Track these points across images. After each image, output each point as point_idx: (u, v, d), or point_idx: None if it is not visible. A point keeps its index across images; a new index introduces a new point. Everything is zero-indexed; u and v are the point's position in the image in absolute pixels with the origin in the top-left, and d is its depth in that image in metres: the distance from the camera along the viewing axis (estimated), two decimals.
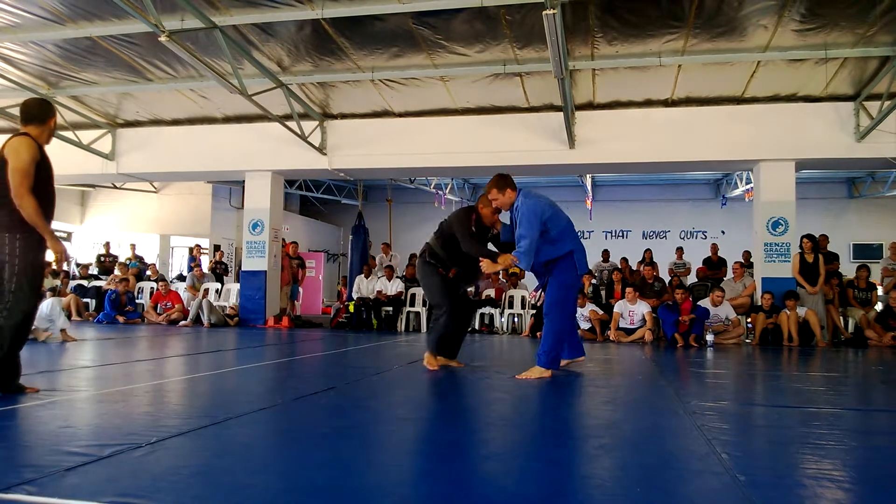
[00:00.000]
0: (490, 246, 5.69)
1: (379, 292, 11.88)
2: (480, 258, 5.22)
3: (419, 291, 12.14)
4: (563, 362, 5.61)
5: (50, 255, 3.81)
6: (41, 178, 3.69)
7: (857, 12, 8.00)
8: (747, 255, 12.01)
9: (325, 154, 11.76)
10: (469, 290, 6.04)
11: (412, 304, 11.99)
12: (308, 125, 11.44)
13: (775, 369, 6.44)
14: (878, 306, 10.32)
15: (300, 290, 13.42)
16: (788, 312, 9.45)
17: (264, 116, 10.61)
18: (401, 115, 11.57)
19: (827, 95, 10.30)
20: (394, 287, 11.90)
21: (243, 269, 12.35)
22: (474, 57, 9.41)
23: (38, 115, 3.84)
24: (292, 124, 10.85)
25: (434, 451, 2.83)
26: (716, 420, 3.49)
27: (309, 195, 18.86)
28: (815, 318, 9.47)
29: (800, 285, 10.02)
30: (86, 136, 11.95)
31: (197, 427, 2.98)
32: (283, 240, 12.98)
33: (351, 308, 11.86)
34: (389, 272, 12.15)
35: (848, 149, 10.34)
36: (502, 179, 5.18)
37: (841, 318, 10.23)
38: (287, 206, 17.97)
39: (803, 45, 8.88)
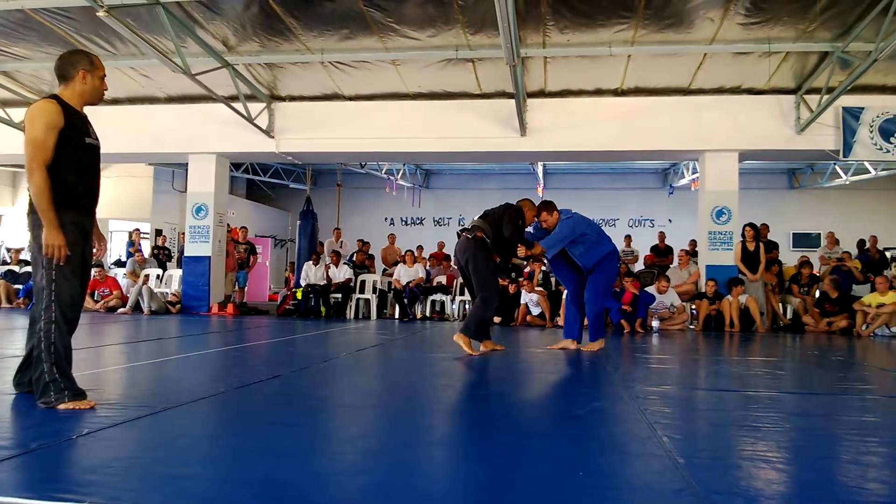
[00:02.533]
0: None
1: (328, 279, 11.73)
2: (519, 244, 6.03)
3: (369, 278, 12.06)
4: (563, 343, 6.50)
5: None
6: (71, 148, 3.07)
7: (799, 8, 8.19)
8: (693, 244, 12.26)
9: (273, 137, 11.51)
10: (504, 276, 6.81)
11: (361, 291, 11.89)
12: (255, 107, 11.18)
13: (717, 354, 6.58)
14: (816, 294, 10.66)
15: (247, 276, 13.16)
16: (731, 299, 9.68)
17: (209, 97, 10.31)
18: (351, 98, 11.40)
19: (770, 88, 10.54)
20: (342, 273, 11.77)
21: (186, 254, 12.03)
22: (426, 41, 9.32)
23: (64, 70, 3.19)
24: (238, 106, 10.58)
25: (379, 440, 2.79)
26: (658, 404, 3.54)
27: (256, 179, 18.47)
28: (756, 304, 9.74)
29: (741, 273, 10.27)
30: (17, 113, 11.42)
31: (132, 417, 2.88)
32: (228, 225, 12.69)
33: (298, 295, 11.70)
34: (337, 258, 12.01)
35: (789, 141, 10.63)
36: (550, 204, 6.46)
37: (780, 304, 10.54)
38: (233, 189, 17.60)
39: (748, 38, 9.05)
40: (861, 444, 2.78)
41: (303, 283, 11.84)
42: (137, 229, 14.40)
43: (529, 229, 6.46)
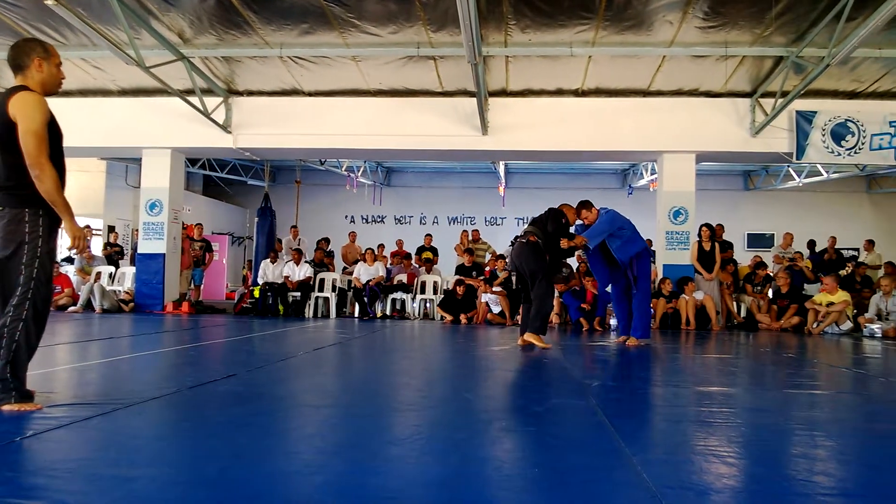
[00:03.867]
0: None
1: (286, 277, 11.59)
2: (562, 239, 6.58)
3: (328, 276, 11.95)
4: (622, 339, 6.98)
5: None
6: (53, 141, 3.00)
7: (756, 13, 8.36)
8: (649, 242, 12.40)
9: (230, 132, 11.32)
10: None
11: (321, 290, 11.77)
12: (212, 101, 10.98)
13: (673, 351, 6.67)
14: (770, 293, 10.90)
15: (203, 274, 12.91)
16: (687, 298, 9.84)
17: (164, 90, 10.08)
18: (311, 94, 11.28)
19: (726, 92, 10.75)
20: (301, 272, 11.63)
21: (140, 251, 11.74)
22: (387, 38, 9.27)
23: (18, 59, 3.09)
24: (194, 100, 10.38)
25: (336, 439, 2.76)
26: (614, 400, 3.57)
27: (213, 175, 18.12)
28: (712, 303, 9.92)
29: (697, 272, 10.45)
30: None
31: (80, 418, 2.79)
32: (183, 222, 12.45)
33: (256, 293, 11.52)
34: (297, 256, 11.87)
35: (744, 143, 10.85)
36: (588, 203, 7.05)
37: (734, 303, 10.75)
38: (189, 185, 17.26)
39: (705, 41, 9.21)
40: (809, 438, 2.84)
41: (260, 281, 11.68)
42: (88, 226, 14.02)
43: (571, 229, 6.96)
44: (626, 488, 2.02)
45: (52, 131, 3.01)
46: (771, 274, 11.27)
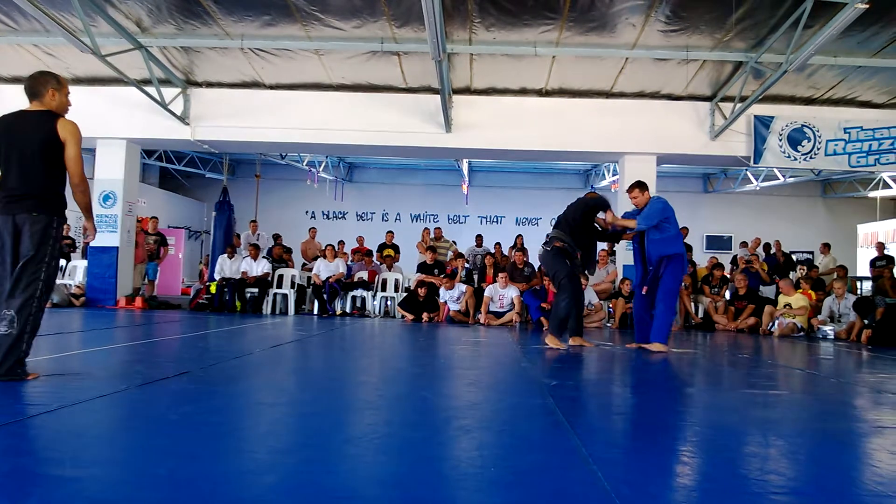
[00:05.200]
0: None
1: (244, 272, 11.39)
2: (606, 213, 6.64)
3: (287, 272, 11.80)
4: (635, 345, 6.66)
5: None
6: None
7: (716, 18, 8.49)
8: (611, 244, 12.52)
9: (188, 124, 11.09)
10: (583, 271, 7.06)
11: (279, 286, 11.61)
12: (169, 92, 10.75)
13: (632, 352, 6.70)
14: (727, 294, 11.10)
15: (158, 268, 12.62)
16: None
17: (120, 80, 9.84)
18: (272, 87, 11.11)
19: (687, 95, 10.91)
20: (260, 267, 11.45)
21: (92, 244, 11.42)
22: (351, 32, 9.18)
23: (35, 88, 3.69)
24: (152, 90, 10.14)
25: (290, 437, 2.70)
26: (572, 400, 3.57)
27: (170, 167, 17.75)
28: None
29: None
30: None
31: (23, 417, 2.69)
32: (138, 215, 12.16)
33: (212, 289, 11.31)
34: (255, 251, 11.67)
35: (704, 146, 11.03)
36: (643, 183, 6.73)
37: (692, 304, 10.91)
38: (144, 178, 16.90)
39: (667, 45, 9.32)
40: (762, 437, 2.87)
41: (217, 276, 11.46)
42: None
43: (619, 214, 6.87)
44: (581, 487, 2.00)
45: None
46: (727, 276, 11.47)
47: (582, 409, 3.38)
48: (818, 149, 10.82)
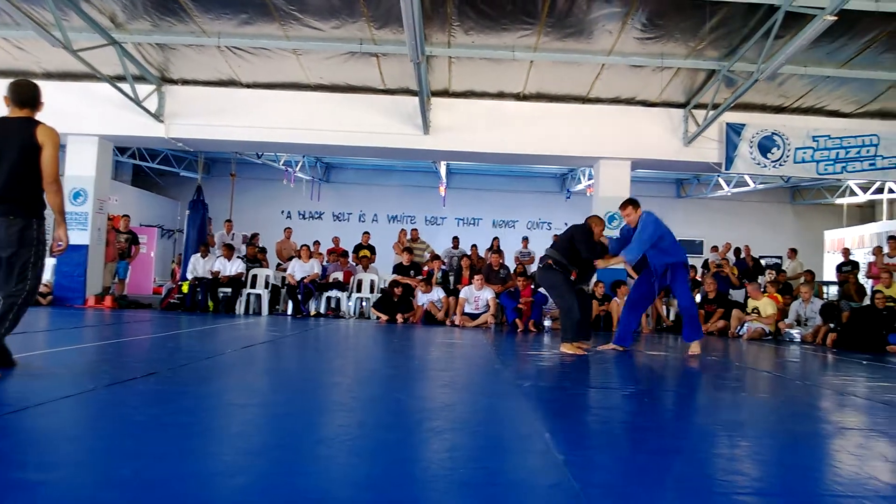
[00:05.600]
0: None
1: (217, 272, 11.28)
2: (596, 259, 6.62)
3: (261, 272, 11.71)
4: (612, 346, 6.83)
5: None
6: None
7: (691, 27, 8.62)
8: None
9: (162, 121, 10.95)
10: (583, 286, 7.19)
11: (253, 286, 11.52)
12: (144, 89, 10.61)
13: (604, 353, 6.75)
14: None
15: (129, 267, 12.44)
16: (618, 301, 10.05)
17: (93, 75, 9.70)
18: (249, 85, 11.03)
19: (661, 102, 11.03)
20: (234, 267, 11.35)
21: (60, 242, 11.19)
22: (329, 32, 9.15)
23: (31, 95, 3.84)
24: (125, 86, 10.01)
25: (261, 439, 2.68)
26: (544, 401, 3.60)
27: (143, 165, 17.52)
28: None
29: (630, 276, 10.66)
30: None
31: None
32: (109, 213, 11.99)
33: (185, 288, 11.18)
34: (229, 251, 11.56)
35: (677, 152, 11.17)
36: (634, 201, 6.78)
37: (664, 307, 11.03)
38: (117, 175, 16.66)
39: (643, 52, 9.43)
40: (729, 439, 2.92)
41: (189, 276, 11.34)
42: None
43: (615, 234, 7.01)
44: (552, 489, 2.02)
45: None
46: (699, 279, 11.61)
47: (554, 410, 3.40)
48: (787, 156, 11.02)
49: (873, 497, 2.05)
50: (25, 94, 3.80)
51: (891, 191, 15.65)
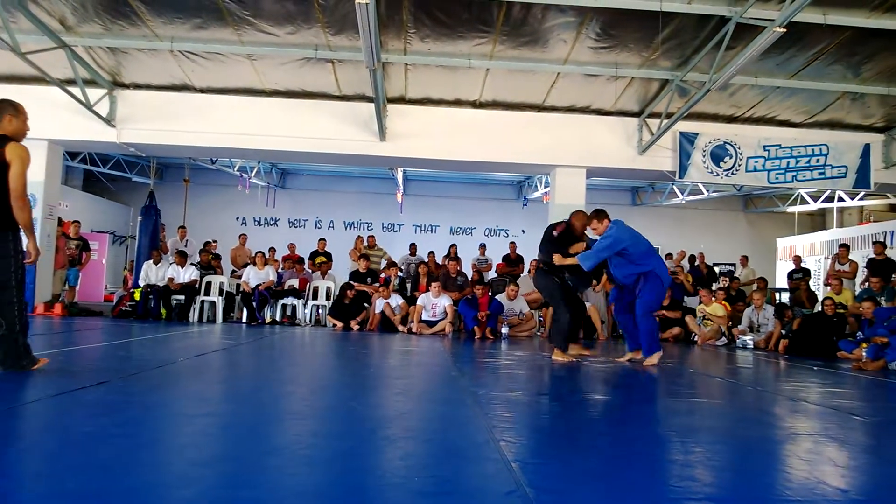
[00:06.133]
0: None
1: (170, 279, 11.05)
2: (554, 254, 6.50)
3: (215, 279, 11.52)
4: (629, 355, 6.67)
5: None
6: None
7: (644, 37, 8.78)
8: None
9: (114, 126, 10.70)
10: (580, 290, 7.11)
11: (207, 293, 11.31)
12: (95, 93, 10.35)
13: (570, 360, 6.79)
14: None
15: (80, 274, 12.11)
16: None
17: (42, 79, 9.43)
18: (202, 90, 10.86)
19: (616, 111, 11.20)
20: (187, 274, 11.13)
21: None
22: (284, 38, 9.08)
23: None
24: (76, 90, 9.76)
25: (210, 450, 2.63)
26: (501, 409, 3.59)
27: (94, 170, 17.07)
28: (597, 313, 10.27)
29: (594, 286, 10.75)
30: None
31: None
32: (60, 218, 11.66)
33: (136, 296, 10.93)
34: (182, 258, 11.34)
35: (632, 160, 11.34)
36: (601, 213, 6.65)
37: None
38: (67, 180, 16.21)
39: (597, 61, 9.57)
40: (682, 444, 2.96)
41: (142, 283, 11.09)
42: None
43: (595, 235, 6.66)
44: (506, 497, 2.02)
45: None
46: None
47: (510, 417, 3.41)
48: (739, 165, 11.28)
49: (822, 501, 2.09)
50: None
51: (840, 199, 16.13)
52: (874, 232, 14.57)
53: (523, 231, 19.38)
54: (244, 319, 11.13)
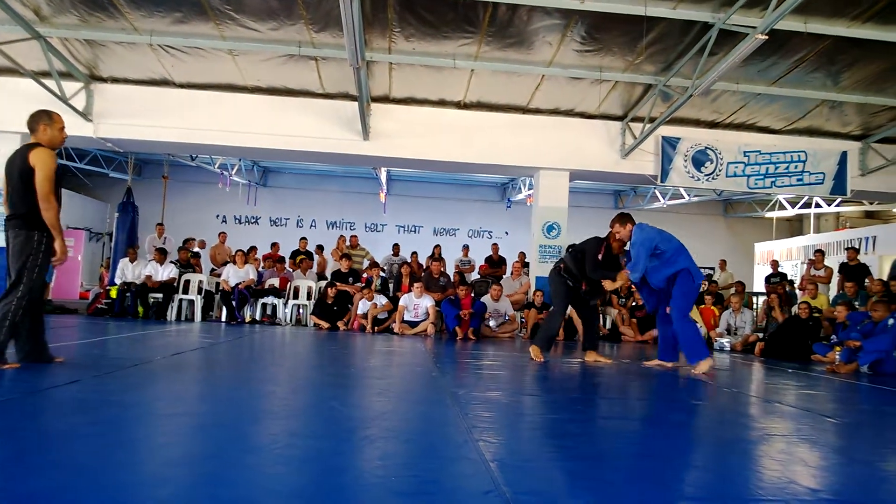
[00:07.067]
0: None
1: (148, 277, 10.91)
2: (603, 280, 6.40)
3: (194, 278, 11.40)
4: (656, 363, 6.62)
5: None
6: (57, 184, 4.28)
7: (628, 41, 8.82)
8: (522, 255, 12.73)
9: (91, 120, 10.53)
10: (592, 301, 6.94)
11: (186, 292, 11.19)
12: (71, 86, 10.19)
13: (544, 360, 6.79)
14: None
15: (55, 271, 11.93)
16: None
17: (15, 70, 9.28)
18: (182, 85, 10.73)
19: (600, 114, 11.25)
20: (166, 272, 10.99)
21: None
22: (267, 34, 9.00)
23: (30, 125, 4.39)
24: (51, 83, 9.59)
25: (187, 449, 2.59)
26: (480, 409, 3.58)
27: (70, 165, 16.81)
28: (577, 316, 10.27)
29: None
30: None
31: None
32: None
33: (113, 293, 10.78)
34: (161, 256, 11.20)
35: (615, 164, 11.39)
36: (624, 216, 6.44)
37: (601, 315, 11.20)
38: None
39: (582, 64, 9.60)
40: (658, 445, 2.96)
41: (118, 280, 10.94)
42: None
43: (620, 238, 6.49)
44: (484, 497, 2.01)
45: (57, 177, 4.29)
46: (633, 289, 11.84)
47: (489, 417, 3.39)
48: (720, 170, 11.38)
49: (792, 500, 2.11)
50: (28, 122, 4.40)
51: (818, 205, 16.32)
52: (849, 238, 14.77)
53: (507, 233, 19.43)
54: (223, 318, 11.03)
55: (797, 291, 12.25)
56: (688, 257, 6.23)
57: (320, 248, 13.68)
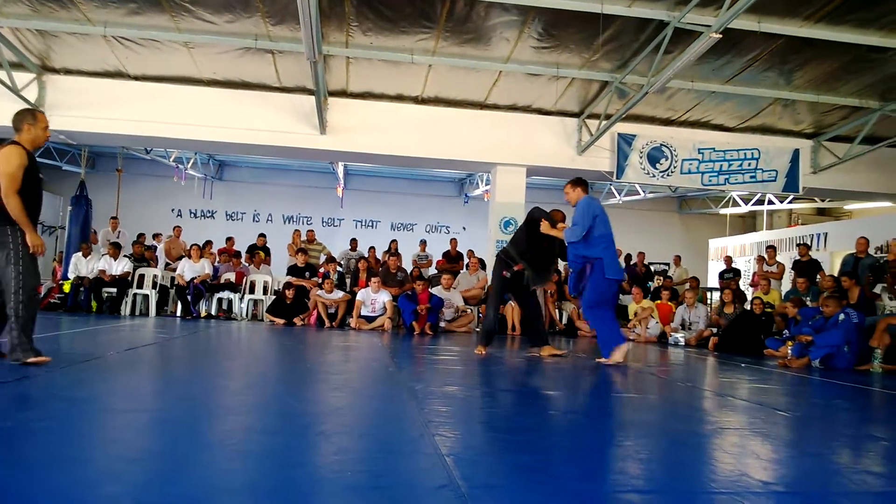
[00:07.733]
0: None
1: (102, 271, 10.69)
2: (543, 220, 6.27)
3: (149, 272, 11.21)
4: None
5: None
6: (29, 180, 4.25)
7: (585, 38, 8.91)
8: (471, 252, 12.60)
9: (43, 112, 10.24)
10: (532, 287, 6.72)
11: (140, 286, 10.98)
12: (22, 77, 9.91)
13: (498, 355, 6.87)
14: None
15: None
16: (513, 304, 10.24)
17: None
18: (137, 78, 10.51)
19: (556, 111, 11.36)
20: (120, 266, 10.78)
21: None
22: (223, 27, 8.87)
23: (15, 124, 4.36)
24: (1, 74, 9.32)
25: (138, 445, 2.56)
26: (436, 403, 3.61)
27: None
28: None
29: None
30: None
31: None
32: None
33: (66, 288, 10.54)
34: (115, 250, 10.98)
35: (571, 160, 11.51)
36: (580, 181, 6.45)
37: (556, 310, 11.35)
38: None
39: (539, 61, 9.68)
40: (612, 438, 3.04)
41: (71, 275, 10.70)
42: None
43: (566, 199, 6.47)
44: (438, 491, 2.03)
45: (31, 172, 4.26)
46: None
47: (445, 412, 3.43)
48: (674, 167, 11.60)
49: (745, 493, 2.16)
50: (13, 121, 4.39)
51: (770, 202, 16.73)
52: (801, 234, 15.19)
53: (464, 228, 19.49)
54: (178, 313, 10.85)
55: (748, 290, 12.55)
56: (611, 252, 6.18)
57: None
